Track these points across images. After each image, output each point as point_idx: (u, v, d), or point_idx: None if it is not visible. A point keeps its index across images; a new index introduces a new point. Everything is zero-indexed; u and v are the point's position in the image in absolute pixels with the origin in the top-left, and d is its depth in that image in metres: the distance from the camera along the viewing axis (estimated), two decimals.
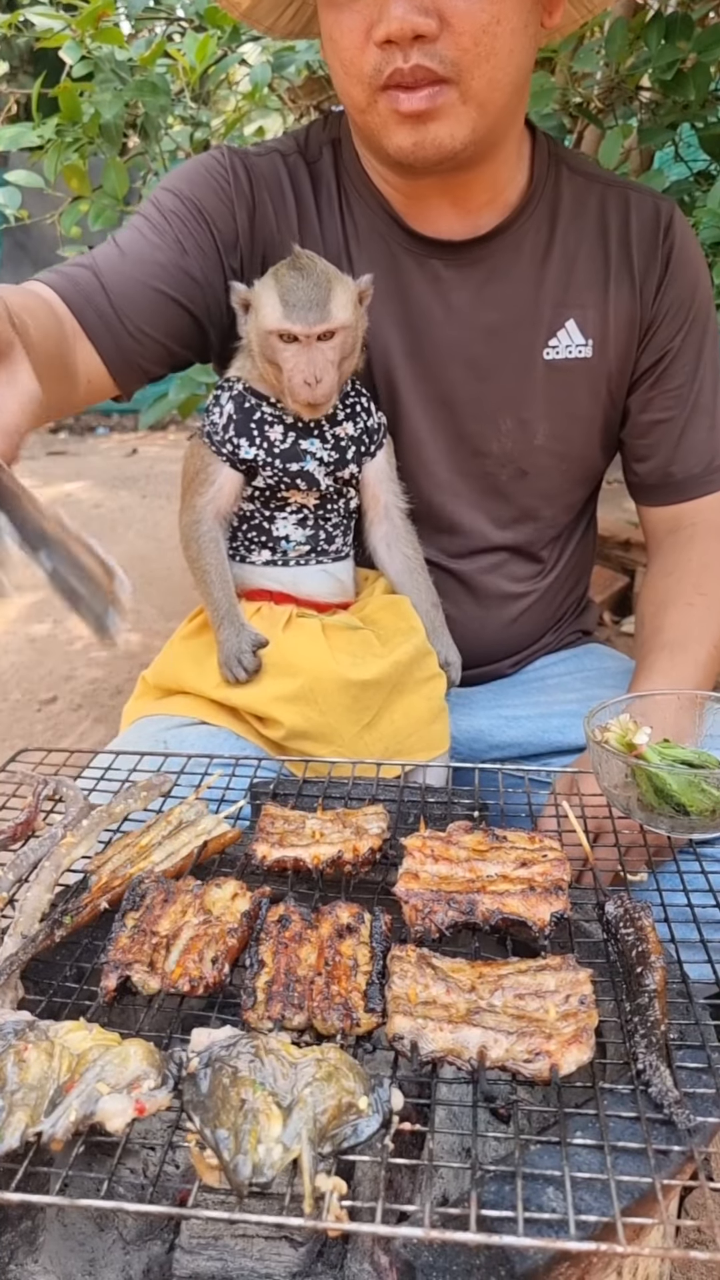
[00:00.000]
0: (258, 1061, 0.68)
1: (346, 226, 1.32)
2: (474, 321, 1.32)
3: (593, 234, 1.33)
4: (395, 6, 1.06)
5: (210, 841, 1.00)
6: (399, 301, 1.32)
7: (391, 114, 1.14)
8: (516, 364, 1.34)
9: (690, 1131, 0.67)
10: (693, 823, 0.99)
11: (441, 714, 1.31)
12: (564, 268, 1.33)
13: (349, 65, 1.14)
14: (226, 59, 2.27)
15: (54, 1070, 0.70)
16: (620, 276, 1.33)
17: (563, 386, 1.35)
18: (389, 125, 1.16)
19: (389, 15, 1.07)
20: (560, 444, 1.38)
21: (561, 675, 1.49)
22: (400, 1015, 0.74)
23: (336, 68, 1.17)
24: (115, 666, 3.21)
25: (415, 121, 1.14)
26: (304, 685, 1.22)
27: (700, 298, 1.37)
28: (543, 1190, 0.65)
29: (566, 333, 1.33)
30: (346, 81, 1.16)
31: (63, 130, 2.14)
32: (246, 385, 1.26)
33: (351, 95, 1.17)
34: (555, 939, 0.86)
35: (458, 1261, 0.64)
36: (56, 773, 1.16)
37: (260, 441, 1.24)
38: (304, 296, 1.17)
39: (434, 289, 1.32)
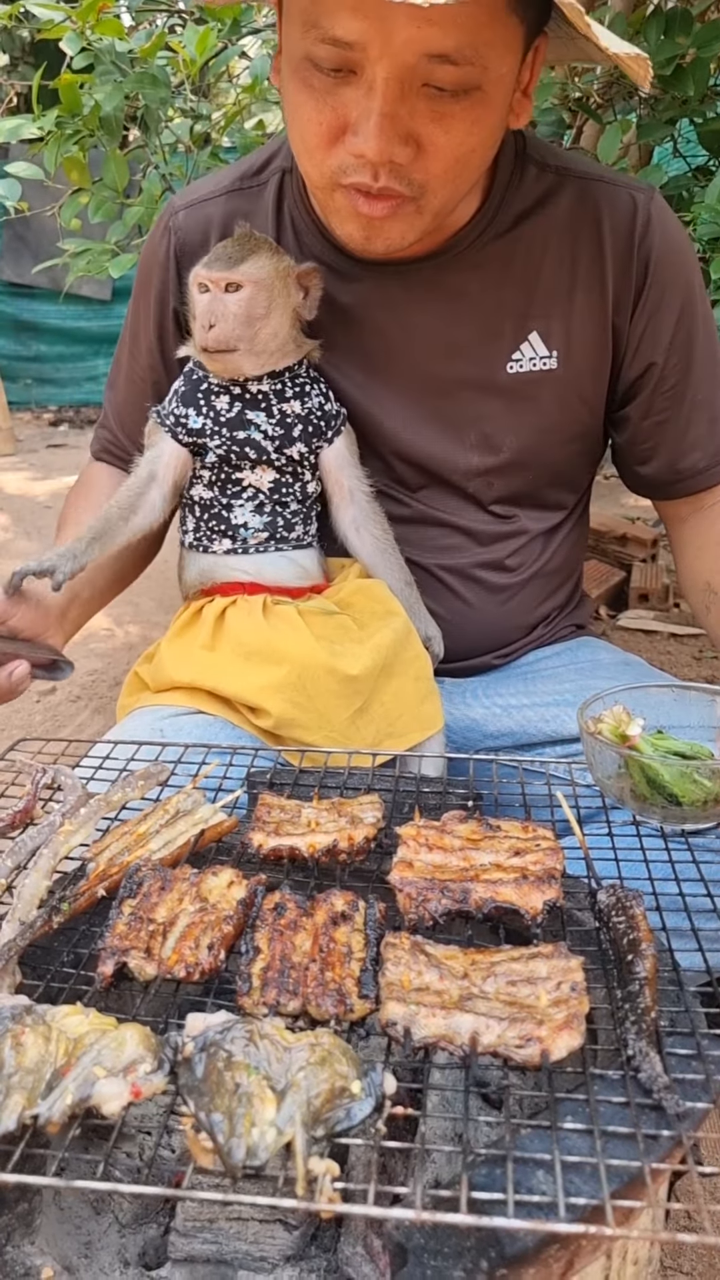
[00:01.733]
0: (252, 1046, 0.69)
1: (291, 253, 1.31)
2: (433, 340, 1.31)
3: (560, 237, 1.28)
4: (376, 134, 1.02)
5: (207, 830, 1.01)
6: (356, 327, 1.32)
7: (347, 210, 1.13)
8: (478, 379, 1.32)
9: (679, 1117, 0.68)
10: (685, 813, 1.00)
11: (432, 693, 1.32)
12: (527, 278, 1.28)
13: (311, 151, 1.10)
14: (227, 51, 2.27)
15: (51, 1054, 0.71)
16: (590, 282, 1.29)
17: (528, 399, 1.33)
18: (341, 215, 1.15)
19: (368, 138, 1.02)
20: (529, 455, 1.37)
21: (555, 667, 1.50)
22: (393, 1001, 0.74)
23: (296, 142, 1.12)
24: (114, 658, 3.22)
25: (373, 223, 1.13)
26: (290, 673, 1.23)
27: (687, 291, 1.32)
28: (533, 1174, 0.65)
29: (530, 345, 1.31)
30: (306, 162, 1.13)
31: (63, 122, 2.14)
32: (195, 360, 1.31)
33: (309, 174, 1.15)
34: (548, 927, 0.87)
35: (449, 1243, 0.65)
36: (55, 762, 1.17)
37: (207, 410, 1.28)
38: (221, 252, 1.23)
39: (391, 311, 1.31)
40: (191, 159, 2.37)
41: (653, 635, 3.26)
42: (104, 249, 2.25)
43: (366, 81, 1.01)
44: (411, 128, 1.04)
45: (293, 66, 1.06)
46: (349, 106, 1.04)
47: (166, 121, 2.40)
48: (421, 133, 1.04)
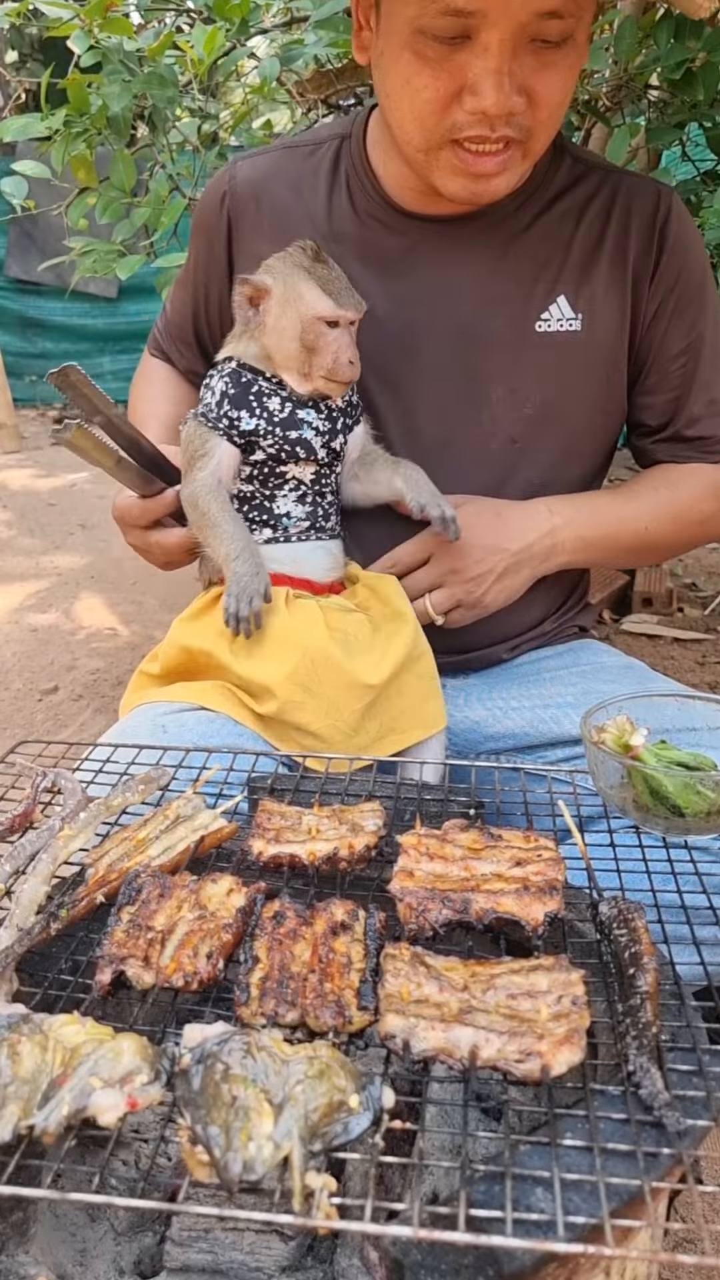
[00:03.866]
0: (250, 1058, 0.68)
1: (343, 208, 1.42)
2: (471, 294, 1.39)
3: (590, 216, 1.40)
4: (496, 87, 1.13)
5: (207, 836, 1.00)
6: (398, 277, 1.39)
7: (454, 167, 1.22)
8: (511, 334, 1.40)
9: (680, 1134, 0.68)
10: (688, 824, 0.99)
11: (435, 693, 1.33)
12: (559, 247, 1.39)
13: (423, 116, 1.19)
14: (235, 52, 2.26)
15: (47, 1064, 0.70)
16: (614, 257, 1.40)
17: (554, 358, 1.41)
18: (447, 173, 1.24)
19: (489, 95, 1.12)
20: (552, 413, 1.43)
21: (557, 669, 1.50)
22: (393, 1014, 0.74)
23: (404, 109, 1.21)
24: (117, 657, 3.22)
25: (476, 178, 1.23)
26: (304, 660, 1.24)
27: (697, 274, 1.44)
28: (532, 1191, 0.65)
29: (558, 306, 1.40)
30: (412, 127, 1.21)
31: (70, 121, 2.14)
32: (241, 363, 1.33)
33: (412, 138, 1.23)
34: (549, 939, 0.86)
35: (446, 1260, 0.64)
36: (55, 765, 1.16)
37: (260, 412, 1.30)
38: (343, 286, 1.28)
39: (435, 263, 1.39)
40: (199, 158, 2.36)
41: (656, 640, 3.25)
42: (110, 249, 2.25)
43: (482, 44, 1.11)
44: (523, 80, 1.14)
45: (401, 41, 1.15)
46: (464, 69, 1.13)
47: (174, 121, 2.39)
48: (531, 83, 1.15)
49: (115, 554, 4.27)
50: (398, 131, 1.25)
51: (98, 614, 3.60)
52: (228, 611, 1.25)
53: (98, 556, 4.26)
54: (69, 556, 4.27)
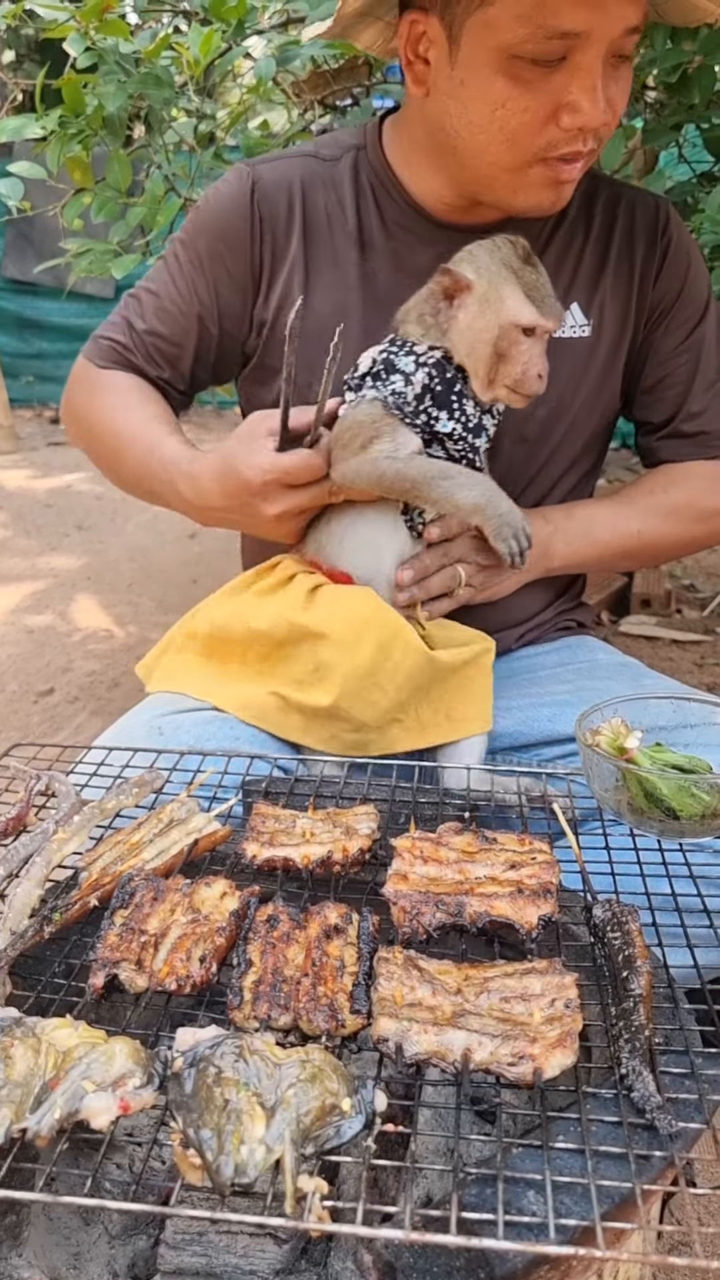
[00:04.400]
0: (242, 1062, 0.68)
1: (371, 218, 1.42)
2: None
3: (597, 228, 1.45)
4: (595, 104, 1.17)
5: (201, 840, 1.00)
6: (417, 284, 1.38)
7: (544, 180, 1.25)
8: None
9: (672, 1137, 0.68)
10: (683, 827, 0.99)
11: (490, 692, 1.32)
12: (570, 256, 1.44)
13: (519, 135, 1.21)
14: (231, 52, 2.26)
15: (40, 1067, 0.70)
16: (620, 267, 1.45)
17: (567, 362, 1.43)
18: (534, 188, 1.27)
19: (589, 110, 1.17)
20: (563, 413, 1.46)
21: (553, 667, 1.51)
22: (385, 1017, 0.74)
23: (492, 133, 1.22)
24: (113, 659, 3.21)
25: (561, 186, 1.26)
26: (380, 640, 1.20)
27: (696, 280, 1.49)
28: (524, 1193, 0.65)
29: (570, 314, 1.43)
30: (501, 148, 1.23)
31: (66, 122, 2.13)
32: (446, 355, 1.23)
33: (500, 159, 1.24)
34: (543, 942, 0.86)
35: (438, 1263, 0.64)
36: (49, 767, 1.16)
37: (459, 414, 1.23)
38: (548, 294, 1.22)
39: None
40: (195, 159, 2.36)
41: (654, 641, 3.25)
42: (106, 249, 2.25)
43: (579, 64, 1.16)
44: (608, 93, 1.19)
45: (493, 68, 1.18)
46: (563, 89, 1.17)
47: (170, 122, 2.39)
48: (611, 95, 1.20)
49: (112, 556, 4.27)
50: (478, 154, 1.25)
51: (94, 616, 3.60)
52: (509, 552, 1.20)
53: (94, 558, 4.26)
54: (65, 558, 4.27)
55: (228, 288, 1.46)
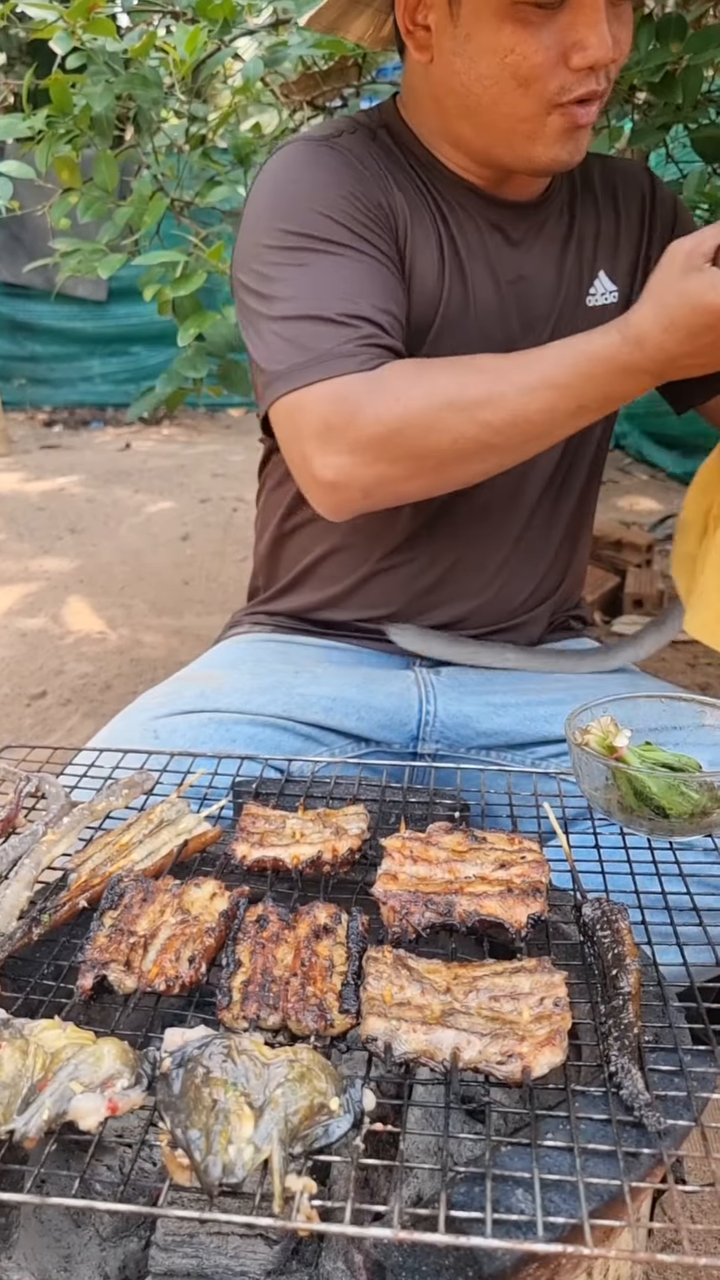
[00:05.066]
0: (230, 1062, 0.68)
1: (432, 191, 1.35)
2: (539, 276, 1.40)
3: (603, 198, 1.46)
4: (602, 38, 1.15)
5: (191, 840, 1.00)
6: (485, 259, 1.38)
7: (562, 129, 1.22)
8: (571, 314, 1.43)
9: (661, 1134, 0.68)
10: (673, 825, 0.99)
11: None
12: (590, 224, 1.45)
13: (531, 80, 1.18)
14: (220, 53, 2.25)
15: (28, 1068, 0.70)
16: (631, 233, 1.47)
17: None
18: (552, 138, 1.23)
19: (597, 45, 1.15)
20: None
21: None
22: (374, 1016, 0.74)
23: (505, 84, 1.19)
24: (105, 661, 3.21)
25: (578, 133, 1.23)
26: None
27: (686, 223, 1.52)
28: (512, 1191, 0.65)
29: (600, 281, 1.44)
30: (518, 94, 1.20)
31: (53, 121, 2.13)
32: None
33: (517, 107, 1.21)
34: (532, 941, 0.87)
35: (427, 1262, 0.64)
36: (40, 769, 1.16)
37: None
38: None
39: (509, 247, 1.39)
40: (184, 160, 2.36)
41: None
42: (94, 249, 2.24)
43: (579, 2, 1.15)
44: (612, 31, 1.18)
45: (499, 16, 1.16)
46: (566, 29, 1.16)
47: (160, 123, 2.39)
48: (616, 33, 1.19)
49: (104, 558, 4.27)
50: (492, 108, 1.22)
51: (86, 618, 3.60)
52: None
53: (87, 560, 4.25)
54: (58, 560, 4.27)
55: (386, 243, 1.28)
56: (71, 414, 7.50)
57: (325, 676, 1.42)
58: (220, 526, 4.75)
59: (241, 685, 1.37)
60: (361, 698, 1.39)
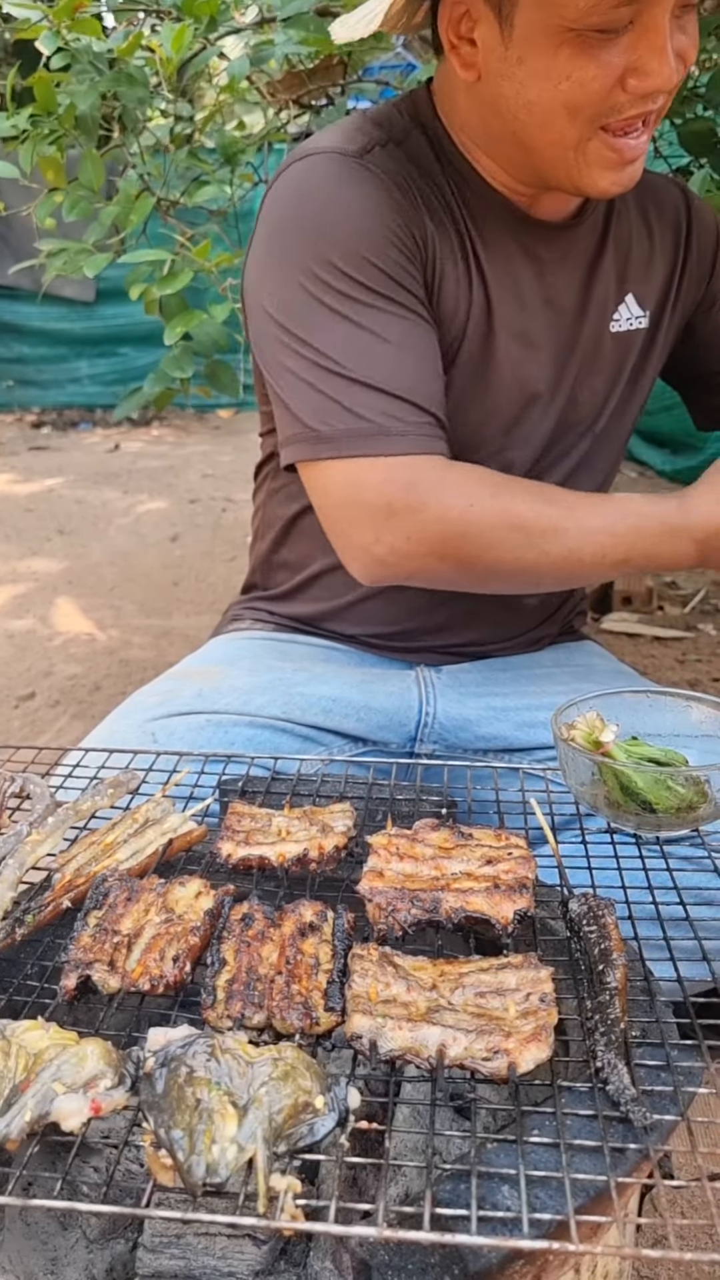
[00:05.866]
0: (214, 1061, 0.68)
1: (462, 208, 1.29)
2: (564, 298, 1.37)
3: (636, 217, 1.42)
4: (665, 64, 1.09)
5: (175, 839, 1.00)
6: (512, 282, 1.32)
7: (606, 157, 1.16)
8: (594, 338, 1.40)
9: (647, 1129, 0.68)
10: (660, 820, 0.99)
11: None
12: (623, 246, 1.41)
13: (585, 105, 1.12)
14: (205, 51, 2.25)
15: (10, 1069, 0.69)
16: (661, 253, 1.43)
17: (627, 356, 1.42)
18: (596, 167, 1.17)
19: (660, 71, 1.09)
20: (626, 406, 1.45)
21: (550, 667, 1.51)
22: (359, 1014, 0.73)
23: (556, 108, 1.13)
24: (94, 663, 3.20)
25: (625, 164, 1.17)
26: None
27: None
28: (498, 1188, 0.65)
29: (626, 306, 1.41)
30: (564, 122, 1.14)
31: (38, 121, 2.12)
32: None
33: (565, 135, 1.15)
34: (520, 937, 0.86)
35: (413, 1260, 0.64)
36: (25, 769, 1.16)
37: None
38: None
39: (536, 268, 1.34)
40: (170, 159, 2.35)
41: (636, 638, 3.26)
42: (80, 248, 2.23)
43: (644, 25, 1.08)
44: (676, 47, 1.12)
45: (557, 40, 1.09)
46: (630, 51, 1.09)
47: (146, 122, 2.38)
48: (681, 47, 1.13)
49: (93, 559, 4.26)
50: (540, 133, 1.16)
51: (75, 619, 3.59)
52: None
53: (75, 562, 4.24)
54: (46, 562, 4.25)
55: (423, 289, 1.25)
56: (60, 415, 7.48)
57: (325, 675, 1.41)
58: (209, 527, 4.74)
59: (240, 684, 1.36)
60: (361, 698, 1.38)
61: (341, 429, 1.18)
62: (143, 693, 1.37)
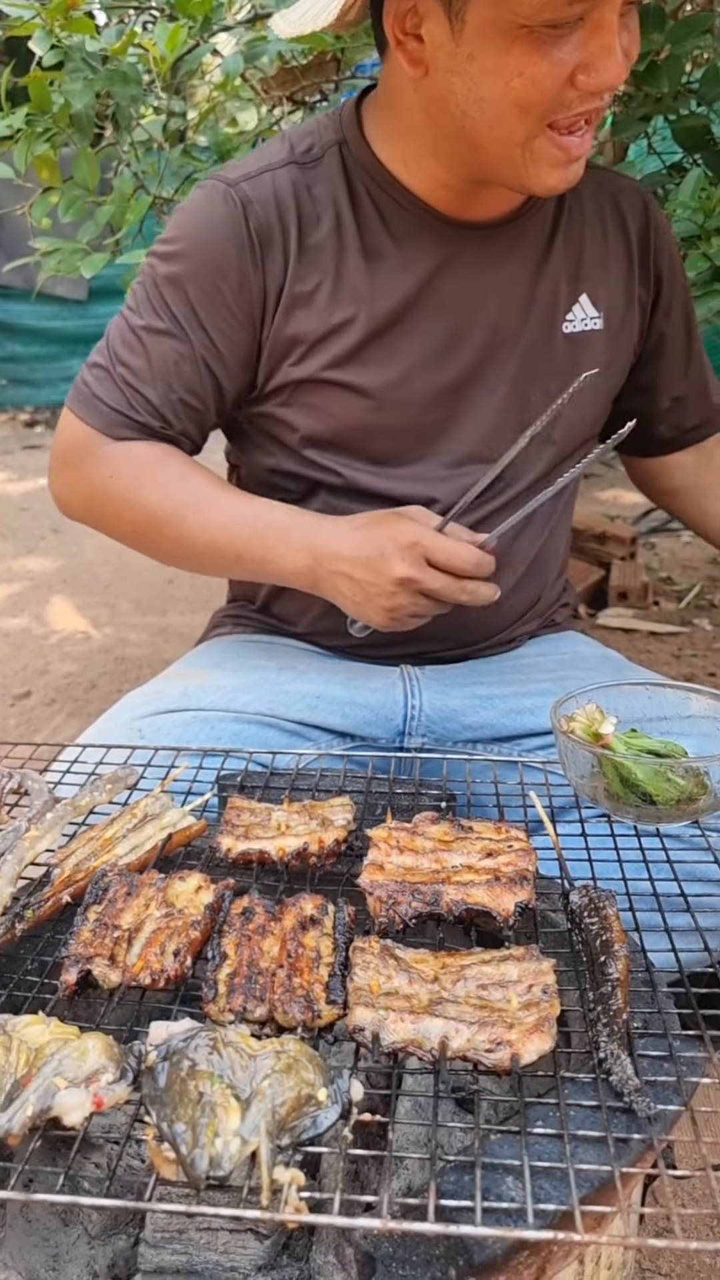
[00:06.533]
0: (216, 1054, 0.67)
1: (373, 224, 1.31)
2: (508, 300, 1.36)
3: (592, 214, 1.41)
4: (616, 61, 1.10)
5: (175, 834, 0.99)
6: (438, 290, 1.33)
7: (552, 155, 1.17)
8: (542, 338, 1.39)
9: (650, 1120, 0.67)
10: (659, 812, 0.99)
11: None
12: (574, 245, 1.40)
13: (536, 102, 1.12)
14: (198, 49, 2.25)
15: (11, 1064, 0.69)
16: (619, 255, 1.42)
17: (582, 357, 1.41)
18: (543, 164, 1.18)
19: (610, 68, 1.10)
20: (582, 409, 1.43)
21: (536, 657, 1.51)
22: (361, 1007, 0.73)
23: (506, 105, 1.13)
24: (90, 661, 3.20)
25: (570, 162, 1.19)
26: None
27: (680, 266, 1.51)
28: (502, 1179, 0.64)
29: (581, 306, 1.40)
30: (514, 119, 1.14)
31: (32, 120, 2.11)
32: None
33: (514, 130, 1.15)
34: (520, 929, 0.86)
35: (417, 1252, 0.64)
36: (22, 766, 1.15)
37: None
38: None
39: (472, 272, 1.34)
40: (164, 156, 2.35)
41: (632, 634, 3.26)
42: (75, 248, 2.23)
43: (593, 22, 1.08)
44: (622, 45, 1.12)
45: (509, 37, 1.09)
46: (580, 48, 1.10)
47: (139, 119, 2.38)
48: (626, 45, 1.13)
49: (88, 558, 4.25)
50: (489, 131, 1.17)
51: (70, 618, 3.58)
52: None
53: (70, 560, 4.24)
54: (41, 560, 4.25)
55: (232, 327, 1.33)
56: (54, 414, 7.46)
57: (309, 673, 1.41)
58: None
59: (225, 684, 1.36)
60: (346, 694, 1.38)
61: (82, 388, 1.38)
62: (132, 695, 1.38)
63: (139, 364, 1.34)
